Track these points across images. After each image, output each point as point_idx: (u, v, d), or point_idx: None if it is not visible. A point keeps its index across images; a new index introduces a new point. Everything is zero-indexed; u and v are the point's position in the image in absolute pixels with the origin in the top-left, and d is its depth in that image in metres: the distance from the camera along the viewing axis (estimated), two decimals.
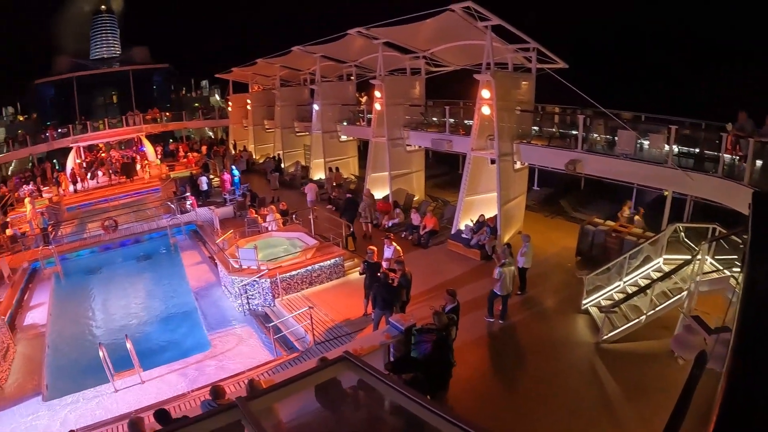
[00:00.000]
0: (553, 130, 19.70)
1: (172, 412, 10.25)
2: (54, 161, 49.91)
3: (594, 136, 17.63)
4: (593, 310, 13.65)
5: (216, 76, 48.56)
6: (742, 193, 11.69)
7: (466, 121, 22.30)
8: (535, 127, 19.95)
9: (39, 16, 72.02)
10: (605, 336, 12.35)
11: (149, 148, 45.59)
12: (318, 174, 32.25)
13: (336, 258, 17.81)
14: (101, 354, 12.93)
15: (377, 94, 24.37)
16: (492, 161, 18.83)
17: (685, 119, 16.67)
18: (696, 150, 15.09)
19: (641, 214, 17.36)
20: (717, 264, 11.77)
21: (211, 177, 34.00)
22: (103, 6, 78.08)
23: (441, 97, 26.82)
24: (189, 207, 27.71)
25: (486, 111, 18.30)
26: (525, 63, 20.08)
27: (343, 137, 31.71)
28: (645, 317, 12.28)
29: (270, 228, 21.31)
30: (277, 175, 33.77)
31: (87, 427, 11.48)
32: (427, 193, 26.14)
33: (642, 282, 13.66)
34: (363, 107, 30.63)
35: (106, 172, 40.05)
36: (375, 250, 14.80)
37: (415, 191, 25.57)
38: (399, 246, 16.13)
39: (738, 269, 10.80)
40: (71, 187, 36.89)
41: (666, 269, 13.47)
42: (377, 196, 24.76)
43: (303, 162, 36.57)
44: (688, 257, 12.72)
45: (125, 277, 22.34)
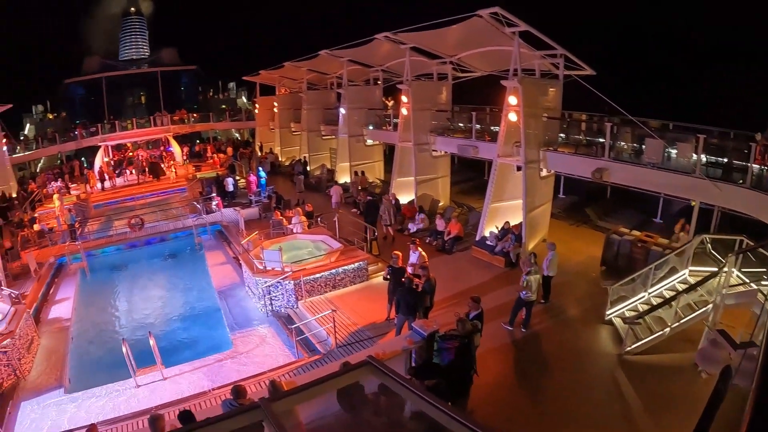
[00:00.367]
0: (580, 137, 19.68)
1: (192, 409, 10.53)
2: (82, 159, 51.07)
3: (621, 144, 17.60)
4: (617, 320, 13.62)
5: (243, 78, 48.99)
6: None
7: (492, 128, 22.31)
8: (562, 135, 19.91)
9: (70, 17, 74.14)
10: (628, 348, 12.36)
11: (176, 148, 46.40)
12: (343, 177, 32.49)
13: (360, 262, 17.97)
14: (124, 350, 13.20)
15: (404, 98, 24.58)
16: (518, 168, 18.90)
17: (714, 128, 16.59)
18: (724, 160, 15.01)
19: (686, 229, 17.06)
20: (744, 277, 11.64)
21: (237, 178, 34.49)
22: (133, 8, 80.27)
23: (467, 103, 26.89)
24: (215, 207, 28.20)
25: (513, 117, 18.40)
26: (552, 69, 20.09)
27: (369, 141, 31.94)
28: (669, 329, 12.23)
29: (295, 230, 21.51)
30: (302, 178, 34.10)
31: (107, 421, 11.80)
32: (453, 199, 26.24)
33: (667, 293, 13.53)
34: (389, 111, 30.84)
35: (140, 170, 40.89)
36: (400, 255, 14.94)
37: (441, 197, 25.70)
38: (424, 251, 16.26)
39: (766, 283, 10.78)
40: (99, 185, 37.71)
41: (692, 281, 13.36)
42: (403, 200, 25.04)
43: (329, 165, 36.89)
44: (714, 269, 12.61)
45: (150, 275, 22.79)
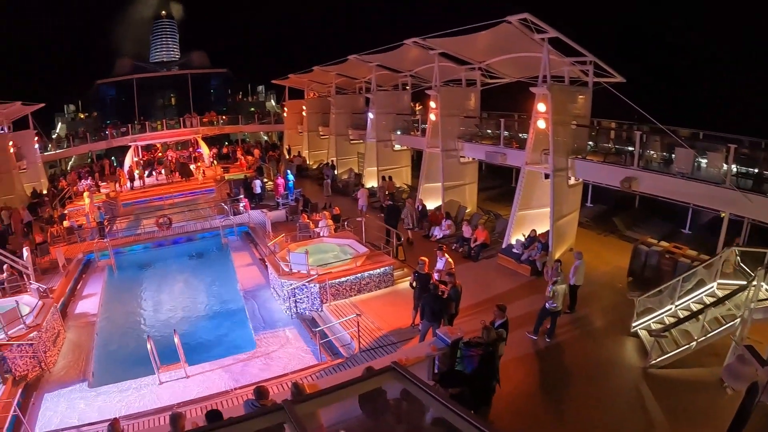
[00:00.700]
0: (609, 145, 19.62)
1: (215, 408, 10.87)
2: (112, 158, 52.37)
3: (650, 153, 17.52)
4: (643, 333, 13.56)
5: (272, 82, 49.81)
6: None
7: (520, 135, 22.42)
8: (591, 143, 19.89)
9: (102, 20, 76.06)
10: (654, 361, 12.30)
11: (205, 149, 47.22)
12: (371, 182, 32.74)
13: (386, 267, 18.12)
14: (149, 346, 13.54)
15: (432, 104, 24.80)
16: (546, 176, 18.91)
17: (745, 138, 16.47)
18: (755, 170, 14.90)
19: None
20: None
21: (265, 180, 34.92)
22: (164, 12, 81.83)
23: (496, 109, 26.94)
24: (242, 209, 28.75)
25: (541, 125, 18.41)
26: (581, 76, 20.05)
27: (397, 146, 32.14)
28: (695, 343, 12.18)
29: (321, 234, 21.79)
30: (329, 182, 34.43)
31: (130, 416, 12.13)
32: (479, 206, 26.34)
33: (694, 306, 13.52)
34: (417, 117, 31.06)
35: (167, 171, 41.71)
36: (426, 261, 15.01)
37: (468, 203, 25.78)
38: (450, 258, 16.38)
39: None
40: (128, 184, 38.52)
41: (720, 294, 13.26)
42: (429, 206, 25.24)
43: (356, 169, 37.25)
44: (743, 283, 12.52)
45: (176, 274, 23.33)
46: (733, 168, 14.54)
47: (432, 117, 25.00)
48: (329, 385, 9.10)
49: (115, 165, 48.43)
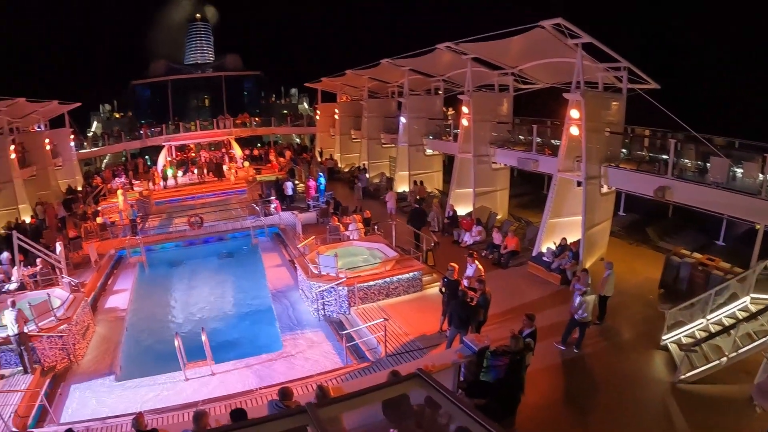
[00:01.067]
0: (643, 153, 19.38)
1: (239, 407, 11.18)
2: (146, 157, 53.55)
3: (685, 161, 17.30)
4: (673, 347, 13.38)
5: (305, 85, 50.51)
6: None
7: (553, 141, 22.34)
8: (624, 150, 19.72)
9: (138, 22, 78.38)
10: (683, 376, 12.15)
11: (237, 150, 48.07)
12: (402, 186, 32.90)
13: (415, 272, 18.23)
14: (176, 343, 13.83)
15: (465, 109, 24.88)
16: (578, 184, 18.92)
17: None
18: None
19: None
20: None
21: (297, 183, 35.61)
22: (198, 15, 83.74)
23: (528, 115, 26.87)
24: (273, 210, 29.26)
25: (574, 131, 18.42)
26: (615, 83, 19.94)
27: (429, 151, 32.26)
28: (726, 359, 11.92)
29: (351, 237, 21.99)
30: (361, 186, 34.73)
31: (154, 410, 12.42)
32: (510, 212, 26.30)
33: (726, 321, 13.27)
34: (450, 122, 31.11)
35: (199, 171, 42.66)
36: (456, 267, 15.10)
37: (499, 210, 25.74)
38: (481, 265, 16.45)
39: None
40: (162, 183, 39.55)
41: (753, 309, 13.04)
42: (460, 212, 25.35)
43: (388, 174, 37.46)
44: None
45: (206, 273, 23.83)
46: None
47: (464, 122, 25.08)
48: (354, 389, 9.35)
49: (149, 164, 49.85)
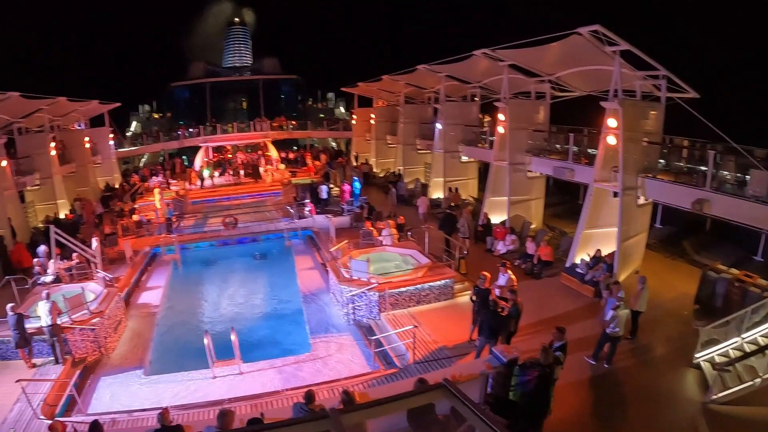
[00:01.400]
0: (681, 164, 19.11)
1: (263, 408, 11.57)
2: (183, 157, 54.95)
3: (724, 173, 16.95)
4: (706, 365, 13.12)
5: (342, 89, 50.93)
6: None
7: (589, 150, 22.18)
8: (662, 161, 19.44)
9: (178, 25, 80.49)
10: (715, 396, 11.89)
11: (274, 153, 48.79)
12: (437, 193, 33.03)
13: (447, 279, 18.26)
14: (206, 341, 14.12)
15: (501, 117, 24.87)
16: (615, 194, 18.71)
17: None
18: None
19: None
20: None
21: (331, 186, 35.82)
22: (237, 18, 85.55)
23: (564, 123, 26.66)
24: (307, 213, 29.61)
25: (611, 141, 18.28)
26: (654, 91, 19.72)
27: (464, 158, 32.21)
28: (760, 380, 11.74)
29: (384, 242, 22.20)
30: (395, 191, 34.74)
31: (181, 406, 12.76)
32: (545, 222, 26.16)
33: (762, 341, 13.04)
34: (486, 129, 31.06)
35: (235, 172, 43.53)
36: (488, 276, 15.10)
37: (533, 219, 25.66)
38: (513, 274, 16.46)
39: None
40: (198, 183, 40.44)
41: None
42: (494, 220, 25.31)
43: (423, 180, 37.58)
44: None
45: (239, 273, 24.16)
46: None
47: (500, 129, 25.08)
48: (380, 395, 9.52)
49: (186, 164, 50.89)
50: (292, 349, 16.47)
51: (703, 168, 17.18)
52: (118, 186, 40.17)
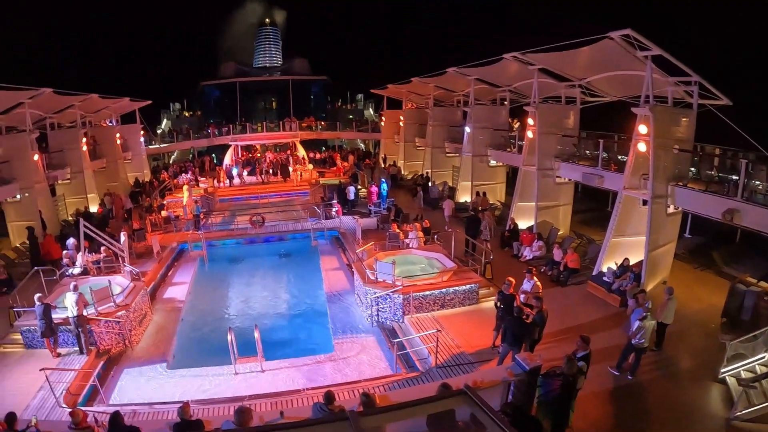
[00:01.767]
0: (712, 173, 18.84)
1: (284, 406, 11.72)
2: (213, 155, 56.01)
3: (756, 183, 16.57)
4: (731, 380, 12.87)
5: (371, 91, 51.34)
6: None
7: (619, 157, 22.00)
8: (692, 169, 19.21)
9: (209, 25, 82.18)
10: (739, 413, 11.62)
11: (302, 153, 49.31)
12: (464, 196, 33.11)
13: (472, 284, 18.29)
14: (229, 337, 14.35)
15: (530, 121, 24.85)
16: (644, 202, 18.57)
17: None
18: None
19: None
20: None
21: (359, 187, 36.21)
22: (268, 19, 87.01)
23: (593, 129, 26.44)
24: (334, 214, 29.97)
25: (642, 148, 18.12)
26: (686, 98, 19.44)
27: (493, 162, 32.19)
28: None
29: (411, 245, 22.25)
30: (422, 194, 34.79)
31: (201, 401, 13.00)
32: (572, 229, 25.96)
33: None
34: (515, 133, 31.06)
35: (263, 171, 44.10)
36: (513, 281, 15.11)
37: (560, 225, 25.54)
38: (539, 281, 16.45)
39: None
40: (227, 181, 41.04)
41: None
42: (522, 226, 25.28)
43: (450, 183, 37.56)
44: None
45: (264, 271, 24.61)
46: None
47: (529, 134, 25.06)
48: (401, 398, 9.67)
49: (215, 162, 51.83)
50: (314, 349, 16.68)
51: (735, 177, 16.95)
52: (147, 182, 41.12)
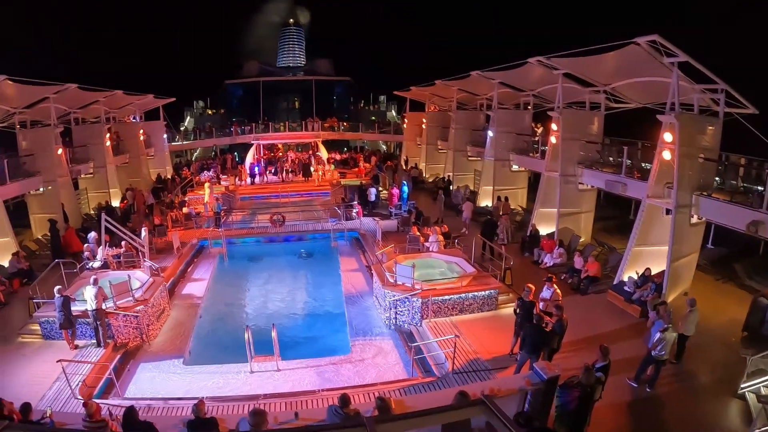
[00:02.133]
0: (736, 183, 18.62)
1: (299, 406, 11.86)
2: (235, 153, 56.55)
3: None
4: (751, 396, 12.66)
5: (395, 93, 51.65)
6: None
7: (643, 164, 21.80)
8: (717, 179, 18.98)
9: (234, 24, 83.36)
10: (758, 430, 11.42)
11: (324, 153, 49.50)
12: (485, 201, 33.12)
13: (491, 290, 18.29)
14: (246, 336, 14.44)
15: (554, 126, 24.82)
16: (667, 211, 18.39)
17: None
18: None
19: None
20: None
21: (380, 189, 36.44)
22: (292, 20, 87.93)
23: (616, 135, 26.20)
24: (354, 215, 30.23)
25: (667, 156, 18.01)
26: (712, 106, 19.21)
27: (515, 167, 32.10)
28: None
29: (431, 248, 22.26)
30: (443, 198, 34.65)
31: (216, 398, 13.14)
32: (594, 236, 25.73)
33: None
34: (538, 138, 30.96)
35: (285, 170, 44.45)
36: (533, 288, 15.10)
37: (582, 232, 25.38)
38: (559, 289, 16.37)
39: None
40: (249, 179, 41.50)
41: None
42: (542, 232, 25.20)
43: (472, 187, 37.65)
44: None
45: (283, 270, 24.76)
46: None
47: (552, 139, 25.02)
48: (416, 403, 9.77)
49: (237, 160, 52.51)
50: (331, 350, 16.74)
51: (760, 188, 16.79)
52: (169, 178, 41.78)
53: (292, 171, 43.43)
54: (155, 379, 14.68)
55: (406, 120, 50.83)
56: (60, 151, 28.17)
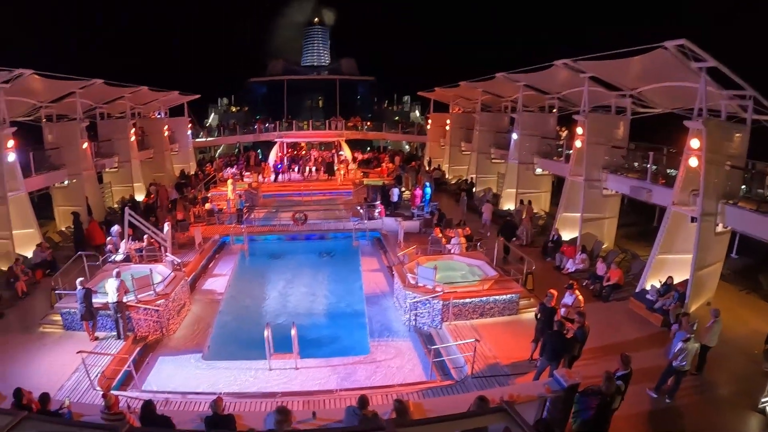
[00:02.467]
0: (763, 192, 18.30)
1: (317, 405, 11.89)
2: (258, 151, 57.38)
3: None
4: None
5: (419, 93, 51.83)
6: None
7: (669, 171, 21.61)
8: (743, 187, 18.61)
9: (259, 23, 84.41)
10: None
11: (347, 152, 49.94)
12: (508, 204, 33.07)
13: (512, 294, 18.29)
14: (266, 333, 14.58)
15: (579, 130, 24.62)
16: (692, 219, 18.13)
17: None
18: None
19: None
20: None
21: (403, 190, 36.52)
22: (317, 19, 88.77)
23: (641, 140, 26.06)
24: (377, 215, 30.36)
25: (693, 162, 17.82)
26: (739, 112, 18.93)
27: (539, 170, 32.05)
28: None
29: (453, 251, 22.38)
30: (466, 199, 34.57)
31: (234, 394, 13.30)
32: (617, 243, 25.54)
33: None
34: (562, 142, 30.79)
35: (309, 168, 45.00)
36: (555, 294, 15.04)
37: (605, 239, 25.17)
38: (581, 296, 16.32)
39: None
40: (272, 177, 42.07)
41: None
42: (565, 237, 25.15)
43: (494, 189, 37.56)
44: None
45: (304, 268, 24.96)
46: None
47: (577, 143, 24.85)
48: (434, 407, 9.86)
49: (261, 158, 53.17)
50: (350, 349, 16.85)
51: None
52: (192, 174, 42.45)
53: (315, 169, 43.72)
54: (174, 373, 15.00)
55: (429, 121, 50.78)
56: (85, 145, 28.94)
